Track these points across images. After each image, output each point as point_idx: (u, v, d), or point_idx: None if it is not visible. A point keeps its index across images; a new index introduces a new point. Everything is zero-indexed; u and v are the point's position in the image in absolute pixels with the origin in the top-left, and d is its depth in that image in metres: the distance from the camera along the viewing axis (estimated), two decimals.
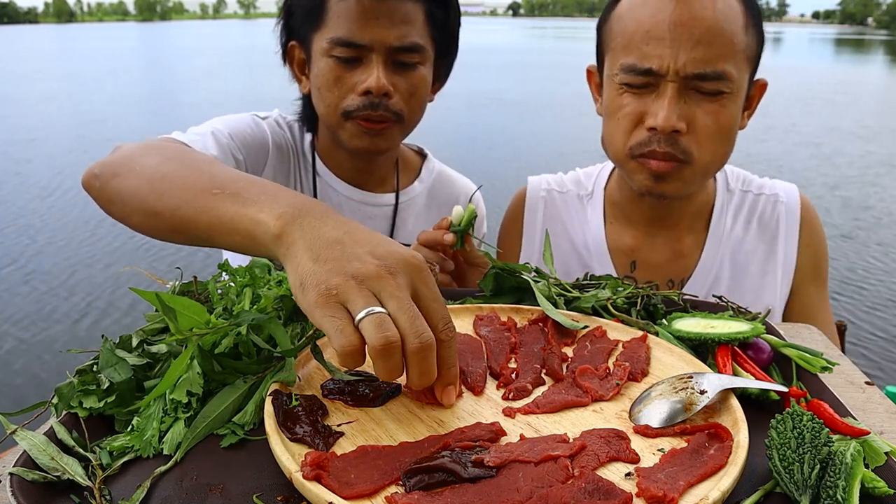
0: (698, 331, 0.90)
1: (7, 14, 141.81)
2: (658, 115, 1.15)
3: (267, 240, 0.74)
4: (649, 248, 1.37)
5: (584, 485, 0.60)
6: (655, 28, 1.14)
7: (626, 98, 1.20)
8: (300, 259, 0.70)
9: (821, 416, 0.72)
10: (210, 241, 0.83)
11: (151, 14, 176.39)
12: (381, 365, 0.65)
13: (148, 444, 0.68)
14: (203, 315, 0.75)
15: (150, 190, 0.89)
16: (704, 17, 1.13)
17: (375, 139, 1.28)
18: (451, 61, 1.40)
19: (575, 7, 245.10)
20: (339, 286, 0.67)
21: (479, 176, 1.78)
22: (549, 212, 1.47)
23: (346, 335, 0.65)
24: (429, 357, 0.66)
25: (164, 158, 0.94)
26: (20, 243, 6.05)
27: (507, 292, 1.08)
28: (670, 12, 1.14)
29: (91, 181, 0.99)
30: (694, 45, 1.12)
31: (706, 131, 1.16)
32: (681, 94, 1.15)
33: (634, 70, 1.17)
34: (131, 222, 0.95)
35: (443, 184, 1.55)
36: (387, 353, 0.64)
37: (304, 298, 0.68)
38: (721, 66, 1.13)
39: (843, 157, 9.27)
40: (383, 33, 1.21)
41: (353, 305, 0.66)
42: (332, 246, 0.70)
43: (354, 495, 0.59)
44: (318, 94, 1.29)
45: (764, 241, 1.36)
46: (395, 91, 1.24)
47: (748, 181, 1.42)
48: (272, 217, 0.74)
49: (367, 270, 0.68)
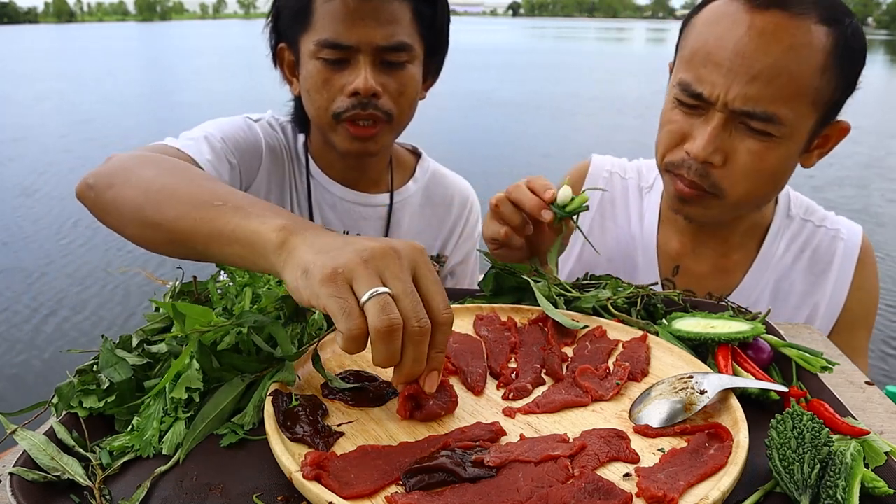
0: (698, 331, 0.90)
1: (7, 14, 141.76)
2: (696, 142, 1.10)
3: (269, 250, 0.74)
4: (695, 257, 1.35)
5: (584, 485, 0.60)
6: (717, 52, 1.07)
7: (677, 114, 1.16)
8: (302, 256, 0.70)
9: (821, 416, 0.72)
10: (208, 252, 0.83)
11: (151, 14, 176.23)
12: (382, 349, 0.65)
13: (148, 444, 0.68)
14: (209, 318, 0.75)
15: (147, 201, 0.89)
16: (769, 52, 1.04)
17: (366, 143, 1.28)
18: (441, 57, 1.39)
19: (575, 7, 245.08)
20: (345, 265, 0.67)
21: (473, 176, 1.77)
22: (610, 193, 1.44)
23: (353, 318, 0.64)
24: (424, 342, 0.67)
25: (162, 171, 0.94)
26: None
27: (507, 292, 1.08)
28: (737, 40, 1.05)
29: (85, 192, 0.99)
30: (750, 81, 1.04)
31: (743, 169, 1.10)
32: (726, 126, 1.09)
33: (687, 90, 1.12)
34: (127, 233, 0.94)
35: (437, 183, 1.54)
36: (389, 336, 0.64)
37: (307, 283, 0.68)
38: (773, 108, 1.05)
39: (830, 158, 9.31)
40: (369, 33, 1.20)
41: (358, 284, 0.66)
42: (336, 240, 0.72)
43: (354, 495, 0.59)
44: (307, 96, 1.28)
45: (813, 274, 1.32)
46: (384, 91, 1.24)
47: (811, 210, 1.36)
48: (274, 228, 0.74)
49: (373, 248, 0.68)
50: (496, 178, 7.71)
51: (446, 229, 1.53)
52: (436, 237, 1.52)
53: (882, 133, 12.18)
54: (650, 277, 1.35)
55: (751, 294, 1.32)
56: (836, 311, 1.31)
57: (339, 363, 0.84)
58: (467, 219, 1.56)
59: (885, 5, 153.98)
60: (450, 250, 1.53)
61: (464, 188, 1.59)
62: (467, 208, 1.56)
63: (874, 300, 1.36)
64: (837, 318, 1.32)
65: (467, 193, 1.58)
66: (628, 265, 1.38)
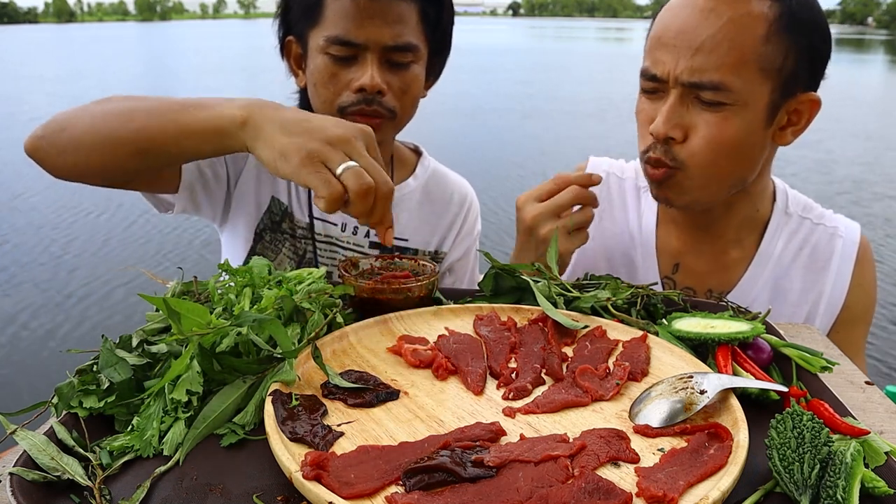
0: (698, 331, 0.90)
1: (7, 14, 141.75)
2: (656, 121, 1.14)
3: (234, 128, 0.92)
4: (695, 254, 1.35)
5: (584, 485, 0.60)
6: (666, 34, 1.13)
7: (643, 102, 1.21)
8: (273, 137, 0.88)
9: (821, 415, 0.72)
10: (178, 150, 0.97)
11: (151, 14, 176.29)
12: (361, 206, 0.87)
13: (148, 444, 0.68)
14: (206, 317, 0.75)
15: (106, 124, 1.00)
16: (710, 24, 1.09)
17: None
18: (444, 58, 1.42)
19: (575, 7, 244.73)
20: (318, 149, 0.87)
21: (473, 176, 1.76)
22: (606, 194, 1.45)
23: (333, 185, 0.86)
24: (390, 199, 0.90)
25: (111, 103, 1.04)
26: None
27: (507, 292, 1.08)
28: (683, 19, 1.12)
29: (36, 143, 1.05)
30: (694, 53, 1.10)
31: (702, 142, 1.13)
32: (682, 102, 1.13)
33: (645, 75, 1.17)
34: (92, 161, 1.02)
35: (437, 181, 1.56)
36: (367, 195, 0.87)
37: (286, 165, 0.87)
38: (719, 76, 1.09)
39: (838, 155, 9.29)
40: (378, 33, 1.23)
41: (332, 163, 0.87)
42: (299, 122, 0.89)
43: (354, 495, 0.59)
44: (313, 89, 1.32)
45: (812, 272, 1.33)
46: (388, 89, 1.27)
47: (809, 208, 1.37)
48: (236, 109, 0.93)
49: (337, 134, 0.89)
50: (496, 178, 7.71)
51: (444, 226, 1.54)
52: (433, 233, 1.53)
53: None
54: (650, 276, 1.35)
55: (750, 291, 1.33)
56: (836, 309, 1.32)
57: (339, 363, 0.84)
58: (466, 216, 1.56)
59: (885, 5, 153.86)
60: (447, 247, 1.54)
61: (463, 186, 1.60)
62: (466, 206, 1.57)
63: (872, 298, 1.37)
64: (837, 315, 1.32)
65: (466, 191, 1.59)
66: (627, 264, 1.39)
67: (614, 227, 1.43)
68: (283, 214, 1.42)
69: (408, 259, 1.10)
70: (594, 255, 1.40)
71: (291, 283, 0.91)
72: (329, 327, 0.89)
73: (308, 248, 1.43)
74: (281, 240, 1.42)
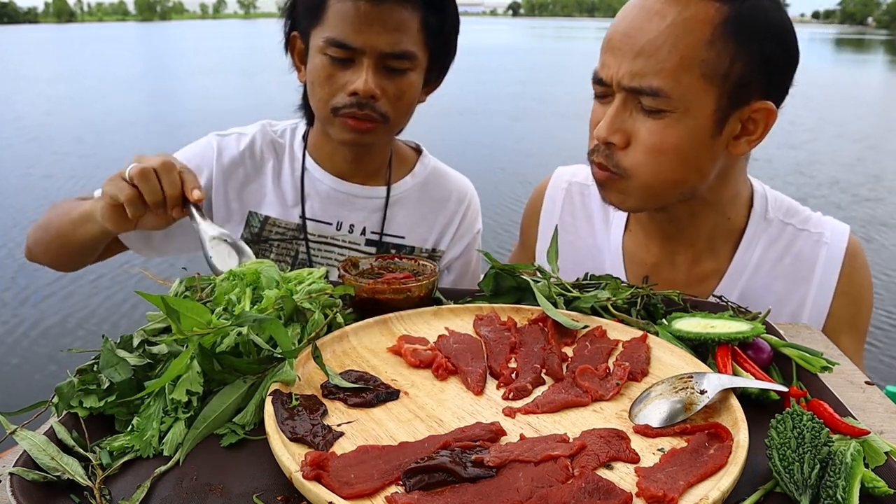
0: (698, 331, 0.90)
1: (7, 14, 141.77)
2: (599, 125, 1.12)
3: (96, 210, 1.19)
4: (667, 265, 1.30)
5: (584, 485, 0.60)
6: (613, 37, 1.10)
7: (595, 105, 1.18)
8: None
9: (821, 415, 0.72)
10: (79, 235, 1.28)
11: (151, 14, 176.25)
12: (145, 186, 1.11)
13: (148, 444, 0.68)
14: (205, 316, 0.75)
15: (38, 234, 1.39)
16: (651, 28, 1.05)
17: (362, 136, 1.33)
18: (446, 64, 1.43)
19: (575, 7, 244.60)
20: (114, 175, 1.14)
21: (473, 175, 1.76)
22: (569, 206, 1.41)
23: (123, 186, 1.11)
24: (173, 171, 1.13)
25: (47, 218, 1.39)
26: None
27: (507, 292, 1.08)
28: (628, 22, 1.08)
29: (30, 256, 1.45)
30: (635, 57, 1.06)
31: (643, 149, 1.09)
32: (626, 107, 1.09)
33: (594, 79, 1.15)
34: (46, 260, 1.42)
35: (437, 179, 1.56)
36: (146, 176, 1.10)
37: (99, 197, 1.18)
38: (658, 81, 1.04)
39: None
40: (376, 39, 1.24)
41: (123, 173, 1.13)
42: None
43: (354, 495, 0.59)
44: (311, 87, 1.34)
45: (793, 282, 1.25)
46: (382, 94, 1.28)
47: (792, 212, 1.29)
48: (95, 201, 1.21)
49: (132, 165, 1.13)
50: (495, 178, 7.71)
51: (442, 224, 1.53)
52: (430, 231, 1.53)
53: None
54: None
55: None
56: (821, 318, 1.25)
57: (339, 363, 0.84)
58: (464, 214, 1.56)
59: (885, 5, 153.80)
60: (445, 245, 1.54)
61: (463, 184, 1.59)
62: (465, 204, 1.56)
63: (862, 305, 1.29)
64: (822, 325, 1.25)
65: (466, 190, 1.59)
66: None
67: (578, 240, 1.39)
68: (263, 223, 1.45)
69: (408, 259, 1.10)
70: (563, 269, 1.30)
71: (291, 283, 0.91)
72: (329, 327, 0.89)
73: (300, 248, 1.44)
74: (267, 248, 1.45)
